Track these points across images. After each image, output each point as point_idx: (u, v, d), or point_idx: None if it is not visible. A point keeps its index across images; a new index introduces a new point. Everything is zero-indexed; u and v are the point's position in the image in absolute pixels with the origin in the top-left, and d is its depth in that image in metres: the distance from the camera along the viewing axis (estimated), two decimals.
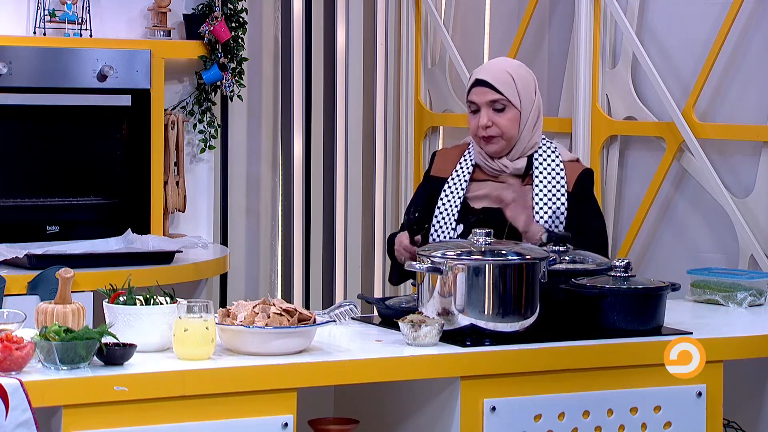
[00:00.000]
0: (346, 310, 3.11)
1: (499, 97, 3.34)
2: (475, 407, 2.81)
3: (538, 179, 3.35)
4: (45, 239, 4.60)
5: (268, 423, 2.65)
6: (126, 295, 2.77)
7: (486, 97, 3.35)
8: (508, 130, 3.35)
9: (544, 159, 3.39)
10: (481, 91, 3.36)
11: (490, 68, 3.42)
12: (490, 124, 3.34)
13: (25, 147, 4.75)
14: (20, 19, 4.75)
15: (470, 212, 3.37)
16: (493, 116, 3.35)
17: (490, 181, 3.40)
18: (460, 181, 3.41)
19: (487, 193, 3.39)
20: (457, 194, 3.39)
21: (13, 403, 2.41)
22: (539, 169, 3.37)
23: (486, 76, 3.37)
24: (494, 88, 3.34)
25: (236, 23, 5.02)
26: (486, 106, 3.35)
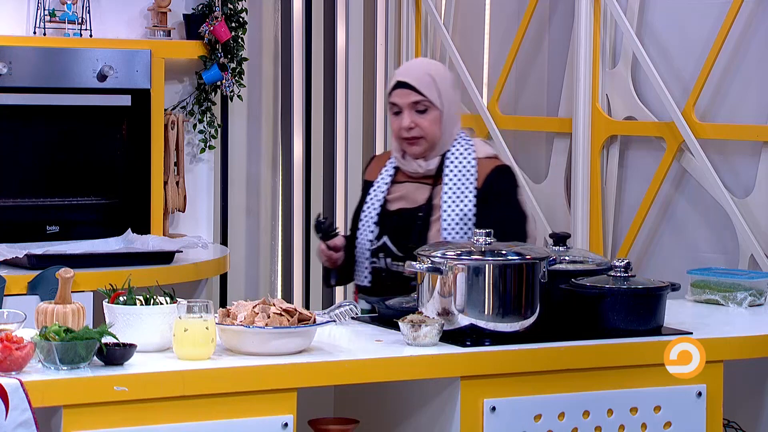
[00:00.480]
0: (346, 310, 3.11)
1: (421, 99, 3.34)
2: (475, 407, 2.81)
3: (448, 177, 3.35)
4: (45, 239, 4.61)
5: (268, 423, 2.65)
6: (126, 295, 2.77)
7: (408, 98, 3.35)
8: (431, 131, 3.35)
9: (456, 157, 3.39)
10: (403, 92, 3.36)
11: (411, 70, 3.43)
12: (413, 125, 3.34)
13: (25, 147, 4.75)
14: (20, 19, 4.75)
15: (386, 214, 3.39)
16: (415, 118, 3.35)
17: (408, 182, 3.41)
18: (382, 183, 3.43)
19: (403, 194, 3.41)
20: (377, 197, 3.42)
21: (13, 403, 2.41)
22: (450, 168, 3.37)
23: (407, 78, 3.37)
24: (416, 90, 3.34)
25: (236, 23, 5.02)
26: (408, 108, 3.35)
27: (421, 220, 3.34)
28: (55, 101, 4.69)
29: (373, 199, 3.43)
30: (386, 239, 3.36)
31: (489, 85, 5.05)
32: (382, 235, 3.37)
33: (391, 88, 3.39)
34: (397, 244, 3.34)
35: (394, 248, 3.34)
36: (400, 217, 3.37)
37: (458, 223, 3.31)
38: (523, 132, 4.92)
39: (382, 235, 3.37)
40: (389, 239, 3.36)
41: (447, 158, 3.38)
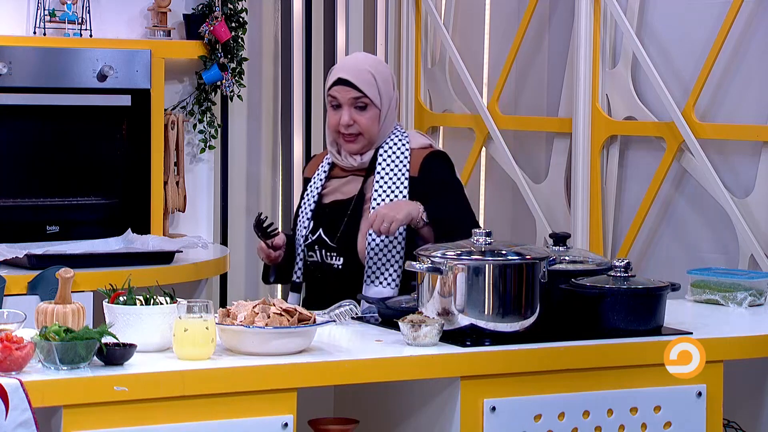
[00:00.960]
0: (346, 310, 3.11)
1: (360, 96, 3.36)
2: (475, 407, 2.81)
3: (381, 167, 3.37)
4: (45, 239, 4.61)
5: (268, 423, 2.65)
6: (126, 295, 2.77)
7: (349, 95, 3.36)
8: (369, 129, 3.37)
9: (389, 147, 3.41)
10: (343, 89, 3.36)
11: (352, 66, 3.41)
12: (352, 122, 3.36)
13: (25, 147, 4.75)
14: (20, 19, 4.75)
15: (320, 208, 3.43)
16: (354, 114, 3.36)
17: (347, 176, 3.43)
18: (318, 179, 3.46)
19: (336, 187, 3.44)
20: (313, 192, 3.45)
21: (13, 403, 2.41)
22: (383, 157, 3.39)
23: (348, 75, 3.37)
24: (356, 87, 3.35)
25: (236, 23, 5.02)
26: (348, 104, 3.36)
27: (351, 209, 3.36)
28: (55, 101, 4.69)
29: (309, 195, 3.46)
30: (321, 232, 3.38)
31: (489, 85, 5.05)
32: (317, 228, 3.40)
33: (332, 83, 3.38)
34: (331, 237, 3.36)
35: (328, 239, 3.36)
36: (333, 209, 3.40)
37: None
38: (523, 132, 4.92)
39: (318, 228, 3.39)
40: (323, 232, 3.38)
41: (381, 150, 3.39)
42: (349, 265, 3.34)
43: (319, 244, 3.39)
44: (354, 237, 3.35)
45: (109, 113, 4.81)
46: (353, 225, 3.35)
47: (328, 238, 3.38)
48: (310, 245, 3.41)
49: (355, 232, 3.34)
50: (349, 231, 3.35)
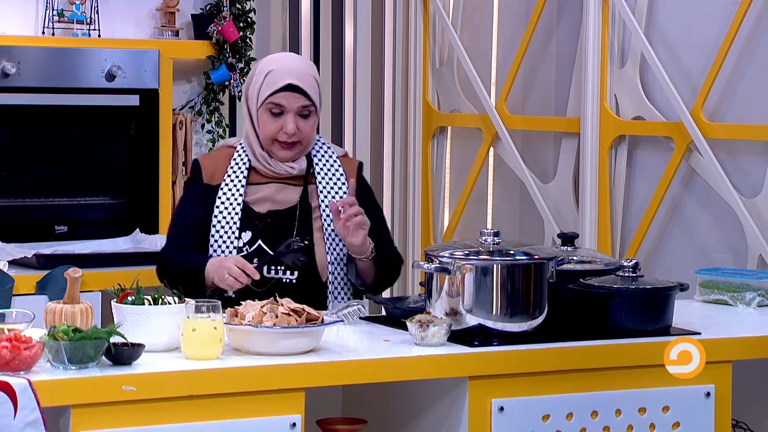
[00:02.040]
0: (354, 310, 3.11)
1: (308, 104, 3.23)
2: (483, 407, 2.81)
3: (320, 176, 3.28)
4: (53, 239, 4.61)
5: (276, 423, 2.65)
6: (134, 294, 2.77)
7: (297, 102, 3.21)
8: (309, 136, 3.26)
9: (321, 156, 3.32)
10: (292, 96, 3.20)
11: (300, 71, 3.24)
12: (296, 131, 3.22)
13: (34, 147, 4.76)
14: (29, 19, 4.76)
15: (255, 217, 3.23)
16: (299, 123, 3.23)
17: (271, 183, 3.27)
18: (236, 186, 3.23)
19: (266, 195, 3.26)
20: (235, 200, 3.22)
21: (22, 402, 2.42)
22: (319, 166, 3.29)
23: (299, 81, 3.21)
24: (306, 95, 3.23)
25: (244, 23, 5.02)
26: (293, 112, 3.22)
27: (297, 220, 3.23)
28: (64, 101, 4.70)
29: (228, 202, 3.22)
30: (261, 243, 3.21)
31: (497, 84, 5.04)
32: (253, 239, 3.21)
33: (279, 89, 3.20)
34: (273, 248, 3.19)
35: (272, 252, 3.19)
36: (274, 219, 3.22)
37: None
38: (531, 132, 4.92)
39: (254, 239, 3.21)
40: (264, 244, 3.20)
41: (314, 156, 3.30)
42: (304, 280, 3.19)
43: (260, 256, 3.18)
44: (309, 250, 3.20)
45: (118, 113, 4.82)
46: (306, 236, 3.22)
47: (272, 251, 3.18)
48: (246, 257, 3.17)
49: (310, 246, 3.21)
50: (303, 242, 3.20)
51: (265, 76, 3.24)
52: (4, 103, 4.57)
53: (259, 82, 3.25)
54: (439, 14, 5.13)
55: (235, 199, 3.24)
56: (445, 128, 5.25)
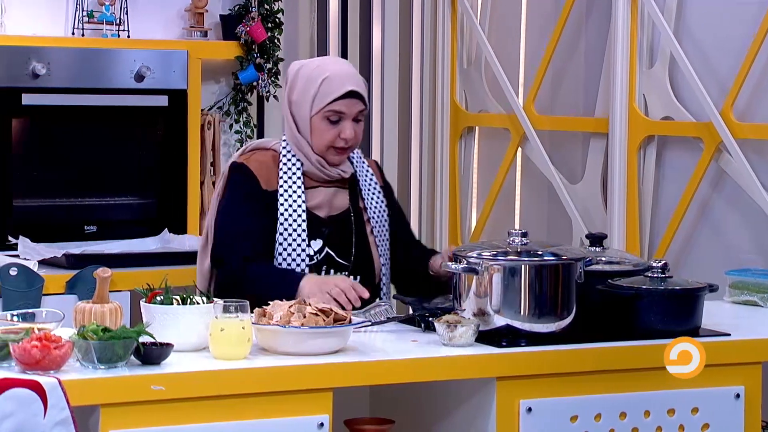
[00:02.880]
0: (381, 310, 3.11)
1: (363, 109, 3.21)
2: (511, 408, 2.80)
3: (362, 179, 3.28)
4: (83, 239, 4.63)
5: (304, 423, 2.65)
6: (163, 294, 2.78)
7: (356, 108, 3.18)
8: (359, 141, 3.25)
9: (356, 159, 3.31)
10: (353, 102, 3.16)
11: (356, 77, 3.21)
12: (352, 136, 3.19)
13: (63, 147, 4.79)
14: (59, 20, 4.79)
15: (320, 224, 3.19)
16: (354, 127, 3.20)
17: (321, 187, 3.23)
18: (295, 192, 3.16)
19: (322, 200, 3.22)
20: (299, 206, 3.16)
21: (52, 401, 2.43)
22: (358, 170, 3.29)
23: (358, 87, 3.18)
24: (363, 101, 3.20)
25: (272, 24, 5.03)
26: (350, 118, 3.18)
27: (354, 225, 3.23)
28: (93, 102, 4.72)
29: (291, 210, 3.15)
30: (328, 250, 3.19)
31: (525, 85, 5.03)
32: (323, 248, 3.19)
33: (340, 96, 3.15)
34: (339, 254, 3.20)
35: (338, 258, 3.20)
36: (333, 225, 3.21)
37: (383, 223, 3.28)
38: (559, 132, 4.90)
39: (322, 246, 3.19)
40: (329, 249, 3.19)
41: (352, 160, 3.30)
42: (365, 283, 3.15)
43: (328, 263, 3.19)
44: (368, 254, 3.22)
45: (146, 114, 4.84)
46: (364, 241, 3.23)
47: (338, 257, 3.19)
48: (316, 266, 3.17)
49: (367, 248, 3.22)
50: (361, 248, 3.21)
51: (321, 83, 3.17)
52: (34, 104, 4.60)
53: (314, 90, 3.17)
54: (467, 14, 5.12)
55: (299, 205, 3.17)
56: (473, 128, 5.25)
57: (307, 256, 3.17)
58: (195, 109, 4.89)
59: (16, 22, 4.69)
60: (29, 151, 4.70)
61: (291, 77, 3.24)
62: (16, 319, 2.72)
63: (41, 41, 4.63)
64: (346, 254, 3.22)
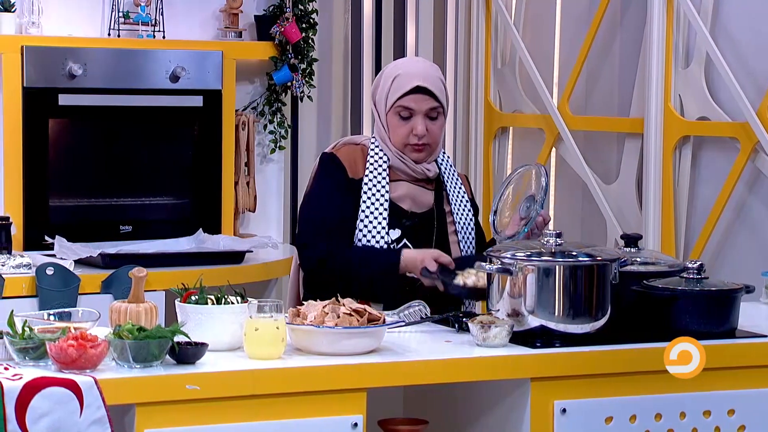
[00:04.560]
0: (415, 310, 3.11)
1: (436, 106, 3.23)
2: (545, 409, 2.80)
3: (450, 185, 3.31)
4: (118, 238, 4.66)
5: (338, 423, 2.65)
6: (198, 294, 2.79)
7: (426, 104, 3.21)
8: (438, 139, 3.27)
9: (446, 165, 3.33)
10: (421, 98, 3.21)
11: (426, 74, 3.24)
12: (426, 133, 3.22)
13: (99, 147, 4.82)
14: (95, 21, 4.82)
15: (402, 214, 3.23)
16: (428, 124, 3.23)
17: (407, 182, 3.27)
18: (380, 182, 3.22)
19: (405, 194, 3.25)
20: (382, 196, 3.21)
21: (88, 400, 2.45)
22: (446, 175, 3.32)
23: (426, 83, 3.21)
24: (434, 96, 3.22)
25: (307, 24, 5.04)
26: (422, 114, 3.23)
27: (437, 223, 3.26)
28: (128, 102, 4.75)
29: (374, 199, 3.21)
30: (406, 241, 3.22)
31: (559, 85, 5.02)
32: (401, 237, 3.23)
33: (407, 91, 3.21)
34: (415, 246, 3.21)
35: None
36: (415, 219, 3.24)
37: (470, 231, 3.30)
38: (594, 132, 4.89)
39: (401, 237, 3.22)
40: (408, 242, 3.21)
41: (441, 164, 3.32)
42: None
43: None
44: (446, 252, 3.22)
45: (181, 114, 4.86)
46: (443, 240, 3.26)
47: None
48: None
49: (446, 247, 3.25)
50: (440, 246, 3.23)
51: (393, 81, 3.24)
52: (71, 104, 4.63)
53: (387, 87, 3.25)
54: (501, 14, 5.11)
55: (382, 195, 3.22)
56: (507, 129, 5.24)
57: (385, 243, 3.20)
58: (229, 110, 4.91)
59: (53, 23, 4.72)
60: (65, 151, 4.73)
61: (375, 80, 3.36)
62: (52, 318, 2.74)
63: (78, 42, 4.67)
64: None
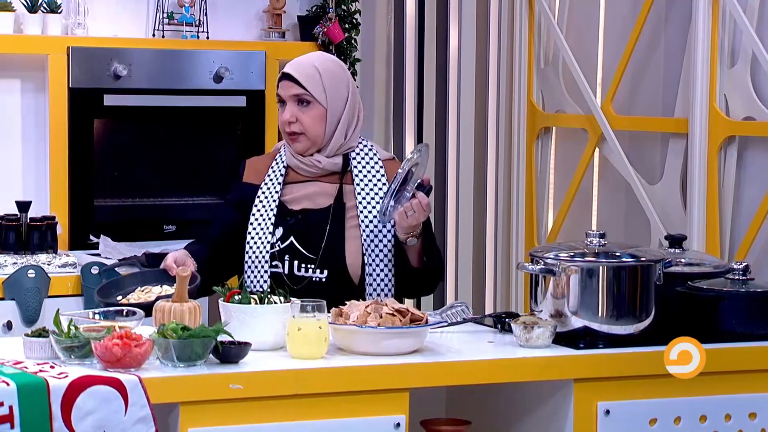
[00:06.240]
0: (457, 311, 3.11)
1: (302, 92, 3.22)
2: (588, 410, 2.79)
3: (358, 178, 3.25)
4: (162, 238, 4.69)
5: (381, 423, 2.66)
6: (241, 294, 2.80)
7: (290, 91, 3.23)
8: (312, 128, 3.23)
9: (362, 158, 3.28)
10: (286, 84, 3.24)
11: (298, 62, 3.28)
12: (294, 119, 3.23)
13: (143, 147, 4.85)
14: (140, 22, 4.85)
15: (288, 214, 3.23)
16: (297, 112, 3.23)
17: (309, 182, 3.27)
18: (273, 184, 3.27)
19: (304, 194, 3.25)
20: (272, 197, 3.24)
21: (132, 399, 2.46)
22: (357, 167, 3.26)
23: (291, 69, 3.25)
24: (298, 83, 3.23)
25: (350, 24, 5.05)
26: (291, 101, 3.24)
27: (331, 219, 3.21)
28: (172, 102, 4.77)
29: (265, 201, 3.24)
30: (293, 241, 3.20)
31: (603, 85, 4.99)
32: (285, 235, 3.21)
33: (278, 80, 3.28)
34: (305, 246, 3.19)
35: (303, 250, 3.19)
36: (306, 217, 3.22)
37: (376, 223, 3.22)
38: (638, 132, 4.86)
39: (286, 236, 3.21)
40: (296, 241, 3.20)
41: (352, 158, 3.27)
42: (334, 279, 3.17)
43: (291, 254, 3.19)
44: (340, 249, 3.19)
45: (225, 114, 4.88)
46: (338, 236, 3.20)
47: (304, 249, 3.19)
48: (277, 254, 3.19)
49: (340, 244, 3.19)
50: (333, 243, 3.19)
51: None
52: (116, 104, 4.66)
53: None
54: (545, 14, 5.10)
55: (272, 196, 3.25)
56: (550, 129, 5.22)
57: (268, 243, 3.21)
58: (273, 110, 4.92)
59: (98, 24, 4.76)
60: (110, 151, 4.76)
61: None
62: (97, 317, 2.76)
63: (122, 43, 4.70)
64: (315, 248, 3.20)
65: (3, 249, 4.21)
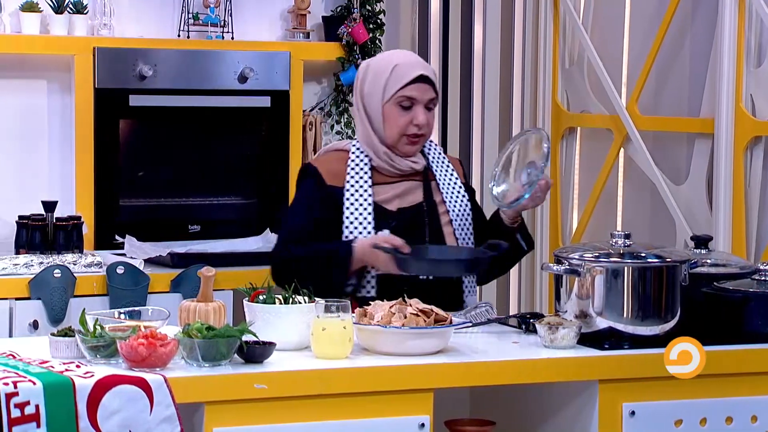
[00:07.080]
0: (482, 311, 3.11)
1: (434, 97, 3.22)
2: (613, 411, 2.78)
3: (439, 174, 3.27)
4: (187, 238, 4.70)
5: (405, 423, 2.66)
6: (265, 293, 2.81)
7: (427, 94, 3.19)
8: (431, 130, 3.25)
9: (435, 154, 3.30)
10: (424, 88, 3.18)
11: (425, 64, 3.24)
12: (425, 122, 3.20)
13: (169, 148, 4.86)
14: (165, 22, 4.86)
15: (385, 214, 3.19)
16: (427, 115, 3.20)
17: (394, 182, 3.24)
18: (362, 186, 3.19)
19: (396, 193, 3.23)
20: (365, 200, 3.18)
21: (158, 398, 2.47)
22: (435, 165, 3.28)
23: (428, 72, 3.20)
24: (434, 87, 3.21)
25: (374, 24, 5.05)
26: (422, 104, 3.19)
27: (428, 217, 3.22)
28: (197, 103, 4.79)
29: (357, 203, 3.18)
30: None
31: (628, 85, 4.97)
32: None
33: (410, 81, 3.17)
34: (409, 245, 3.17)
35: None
36: (403, 217, 3.20)
37: (465, 218, 3.25)
38: (663, 133, 4.84)
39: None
40: None
41: (428, 155, 3.29)
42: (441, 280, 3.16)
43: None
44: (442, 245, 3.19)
45: (249, 114, 4.89)
46: (438, 233, 3.21)
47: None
48: None
49: (441, 240, 3.20)
50: (435, 241, 3.19)
51: (392, 71, 3.21)
52: (141, 105, 4.68)
53: (385, 78, 3.20)
54: (569, 14, 5.08)
55: (365, 199, 3.20)
56: (575, 129, 5.20)
57: None
58: (297, 110, 4.93)
59: (124, 24, 4.78)
60: (136, 151, 4.78)
61: (361, 74, 3.28)
62: (123, 317, 2.77)
63: (148, 43, 4.71)
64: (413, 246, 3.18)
65: (29, 249, 4.24)
